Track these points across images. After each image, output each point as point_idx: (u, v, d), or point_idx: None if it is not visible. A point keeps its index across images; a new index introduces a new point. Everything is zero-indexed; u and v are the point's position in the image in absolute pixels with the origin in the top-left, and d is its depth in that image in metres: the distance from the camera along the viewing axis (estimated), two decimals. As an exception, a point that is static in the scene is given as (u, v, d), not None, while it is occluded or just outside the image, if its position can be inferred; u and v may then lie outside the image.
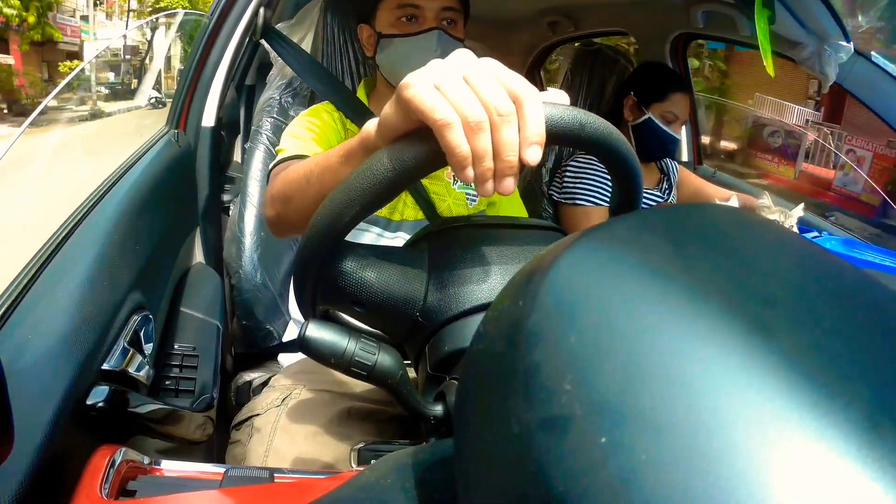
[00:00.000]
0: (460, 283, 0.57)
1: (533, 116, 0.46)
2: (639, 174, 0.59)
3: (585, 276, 0.28)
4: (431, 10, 1.04)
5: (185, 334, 1.00)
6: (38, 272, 0.70)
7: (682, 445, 0.20)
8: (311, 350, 0.52)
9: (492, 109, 0.45)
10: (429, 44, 1.04)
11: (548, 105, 0.49)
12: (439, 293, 0.57)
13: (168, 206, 1.13)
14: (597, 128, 0.52)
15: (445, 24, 1.05)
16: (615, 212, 0.66)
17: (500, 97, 0.45)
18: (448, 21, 1.05)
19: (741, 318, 0.24)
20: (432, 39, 1.03)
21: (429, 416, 0.53)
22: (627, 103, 1.63)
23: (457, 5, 1.05)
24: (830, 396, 0.20)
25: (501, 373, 0.27)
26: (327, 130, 1.08)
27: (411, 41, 1.05)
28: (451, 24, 1.05)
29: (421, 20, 1.05)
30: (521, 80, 0.46)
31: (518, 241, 0.61)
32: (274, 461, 0.85)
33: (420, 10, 1.04)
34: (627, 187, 0.61)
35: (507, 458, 0.24)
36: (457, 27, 1.07)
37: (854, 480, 0.18)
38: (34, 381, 0.56)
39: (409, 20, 1.05)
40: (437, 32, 1.03)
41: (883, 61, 1.23)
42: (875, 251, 1.24)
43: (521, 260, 0.59)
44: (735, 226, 0.33)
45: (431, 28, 1.03)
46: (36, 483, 0.50)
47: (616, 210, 0.65)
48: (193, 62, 1.33)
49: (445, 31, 1.04)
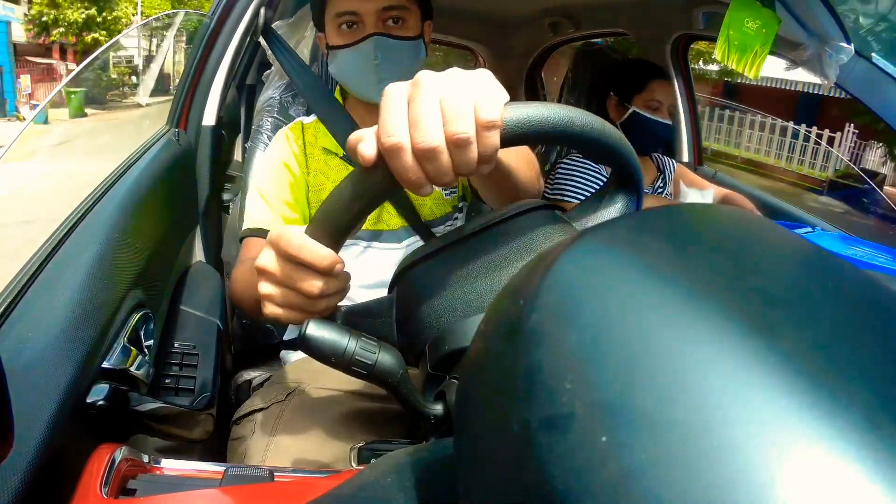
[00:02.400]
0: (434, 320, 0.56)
1: (488, 142, 0.46)
2: (638, 169, 0.59)
3: (586, 275, 0.28)
4: (370, 13, 1.00)
5: (186, 333, 1.00)
6: (38, 270, 0.70)
7: (682, 445, 0.20)
8: (311, 349, 0.52)
9: (450, 135, 0.45)
10: (367, 53, 1.00)
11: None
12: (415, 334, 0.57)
13: (168, 204, 1.13)
14: (588, 124, 0.53)
15: (390, 23, 1.01)
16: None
17: (463, 124, 0.45)
18: (393, 20, 1.01)
19: (741, 318, 0.24)
20: (370, 48, 1.00)
21: (429, 415, 0.53)
22: (610, 104, 1.62)
23: (401, 1, 1.01)
24: (831, 396, 0.21)
25: (502, 372, 0.27)
26: (288, 174, 1.07)
27: (350, 52, 1.02)
28: (396, 24, 1.01)
29: (361, 26, 1.01)
30: (491, 103, 0.46)
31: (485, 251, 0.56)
32: (275, 457, 0.85)
33: (358, 17, 1.00)
34: (627, 183, 0.61)
35: (507, 458, 0.24)
36: (406, 24, 1.02)
37: (855, 481, 0.18)
38: (34, 380, 0.57)
39: (349, 27, 1.02)
40: (374, 39, 0.99)
41: (883, 62, 1.23)
42: (868, 246, 1.24)
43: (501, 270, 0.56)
44: (736, 226, 0.33)
45: (368, 35, 1.00)
46: (36, 482, 0.50)
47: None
48: (194, 61, 1.33)
49: (387, 34, 1.00)
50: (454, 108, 0.44)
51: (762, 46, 1.22)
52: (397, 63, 1.02)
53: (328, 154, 1.10)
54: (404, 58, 1.03)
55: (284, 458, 0.85)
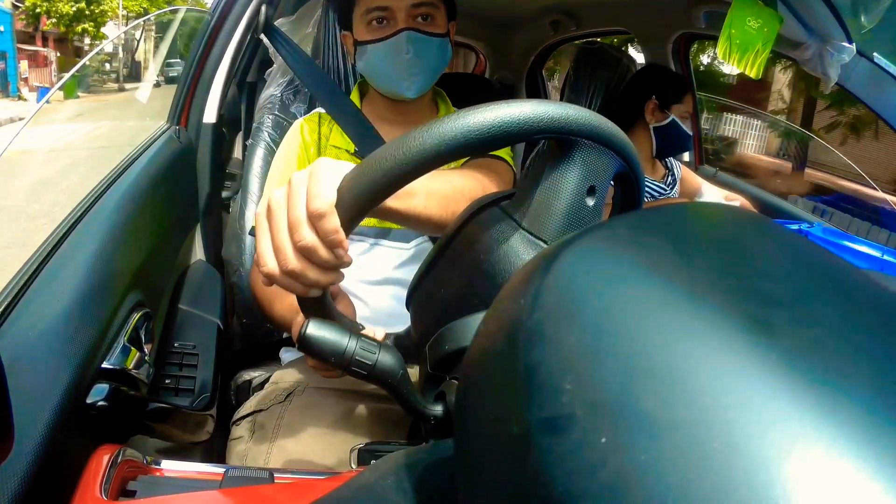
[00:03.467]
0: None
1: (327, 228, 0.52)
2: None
3: (586, 275, 0.28)
4: (401, 9, 1.01)
5: (186, 332, 1.00)
6: (38, 269, 0.70)
7: (682, 446, 0.20)
8: (311, 349, 0.52)
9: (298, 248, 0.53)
10: (399, 47, 1.02)
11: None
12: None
13: (168, 203, 1.13)
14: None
15: (420, 20, 1.03)
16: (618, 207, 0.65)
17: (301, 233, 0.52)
18: (422, 17, 1.03)
19: (742, 317, 0.24)
20: (402, 42, 1.02)
21: (429, 416, 0.53)
22: (649, 107, 1.67)
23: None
24: (831, 396, 0.20)
25: (501, 372, 0.26)
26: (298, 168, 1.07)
27: (382, 46, 1.03)
28: (425, 21, 1.03)
29: (392, 22, 1.03)
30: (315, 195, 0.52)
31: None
32: (275, 458, 0.85)
33: (389, 12, 1.02)
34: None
35: (506, 459, 0.24)
36: (434, 22, 1.04)
37: (855, 480, 0.18)
38: (34, 380, 0.57)
39: (380, 23, 1.03)
40: (406, 34, 1.01)
41: (885, 62, 1.23)
42: (867, 244, 1.25)
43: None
44: (736, 225, 0.33)
45: (401, 30, 1.01)
46: (36, 482, 0.50)
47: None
48: (195, 59, 1.33)
49: (418, 30, 1.02)
50: (294, 220, 0.52)
51: (764, 45, 1.22)
52: (427, 59, 1.04)
53: (339, 149, 1.11)
54: (433, 54, 1.05)
55: (285, 460, 0.85)
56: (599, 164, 0.55)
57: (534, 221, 0.55)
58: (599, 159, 0.55)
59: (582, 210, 0.55)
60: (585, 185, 0.55)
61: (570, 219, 0.55)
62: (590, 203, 0.55)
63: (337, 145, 1.11)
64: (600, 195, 0.56)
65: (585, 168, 0.55)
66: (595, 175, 0.55)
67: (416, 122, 1.13)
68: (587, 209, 0.55)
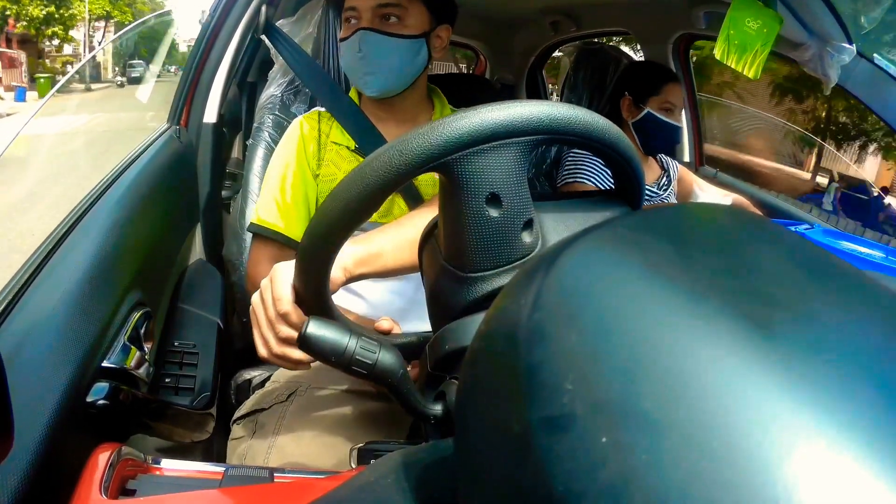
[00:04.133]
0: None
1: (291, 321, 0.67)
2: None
3: (587, 275, 0.28)
4: (366, 9, 1.04)
5: (186, 331, 1.00)
6: (38, 269, 0.70)
7: (682, 445, 0.20)
8: (311, 348, 0.52)
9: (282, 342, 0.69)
10: (354, 46, 1.05)
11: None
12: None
13: (169, 202, 1.13)
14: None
15: (382, 20, 1.04)
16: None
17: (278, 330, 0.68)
18: (385, 17, 1.04)
19: (742, 317, 0.24)
20: (355, 41, 1.04)
21: (429, 415, 0.53)
22: (624, 104, 1.65)
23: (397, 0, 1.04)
24: (832, 396, 0.20)
25: (502, 372, 0.26)
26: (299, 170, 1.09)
27: (344, 45, 1.07)
28: (388, 21, 1.04)
29: (357, 21, 1.05)
30: (277, 299, 0.67)
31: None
32: (276, 458, 0.85)
33: (356, 12, 1.05)
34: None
35: (507, 458, 0.24)
36: (404, 23, 1.05)
37: (855, 480, 0.18)
38: (34, 378, 0.56)
39: (348, 22, 1.07)
40: (359, 33, 1.04)
41: (885, 63, 1.23)
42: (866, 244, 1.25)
43: None
44: (736, 225, 0.33)
45: (357, 30, 1.04)
46: (35, 481, 0.50)
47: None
48: (195, 59, 1.33)
49: (374, 30, 1.03)
50: (270, 319, 0.68)
51: (763, 46, 1.22)
52: (383, 58, 1.05)
53: (339, 146, 1.12)
54: (392, 54, 1.06)
55: (286, 460, 0.84)
56: (493, 168, 0.50)
57: (449, 252, 0.54)
58: (489, 163, 0.50)
59: (488, 225, 0.51)
60: (481, 198, 0.51)
61: (480, 239, 0.52)
62: (493, 214, 0.51)
63: (337, 142, 1.12)
64: (510, 197, 0.51)
65: (473, 180, 0.50)
66: (490, 182, 0.50)
67: (408, 120, 1.14)
68: (493, 221, 0.51)
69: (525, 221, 0.52)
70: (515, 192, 0.51)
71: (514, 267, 0.52)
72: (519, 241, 0.52)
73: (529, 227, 0.52)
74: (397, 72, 1.08)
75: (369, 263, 0.77)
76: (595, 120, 0.53)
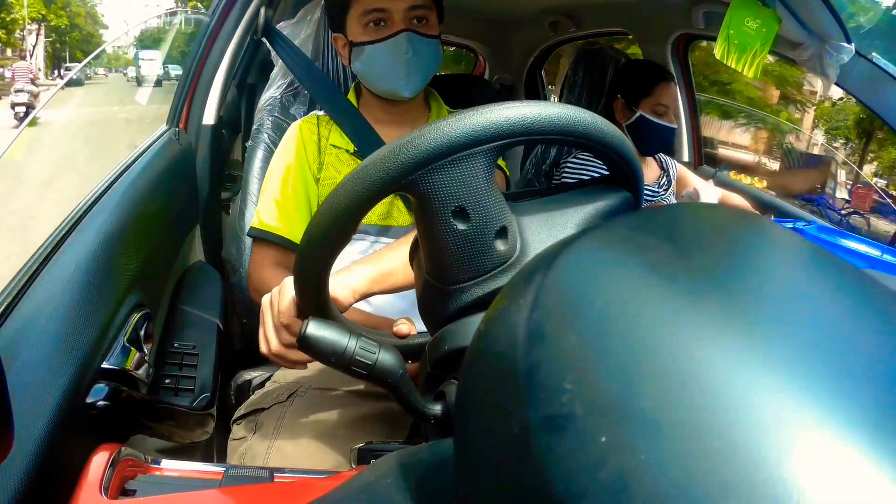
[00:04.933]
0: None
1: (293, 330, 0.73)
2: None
3: (586, 275, 0.28)
4: (399, 11, 1.03)
5: (185, 332, 1.00)
6: (37, 270, 0.70)
7: (681, 445, 0.20)
8: (311, 348, 0.52)
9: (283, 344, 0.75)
10: (400, 47, 1.04)
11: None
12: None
13: (168, 204, 1.13)
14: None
15: (415, 23, 1.04)
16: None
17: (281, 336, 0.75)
18: (417, 20, 1.04)
19: (741, 317, 0.24)
20: (403, 42, 1.03)
21: (428, 415, 0.53)
22: (617, 107, 1.64)
23: (425, 2, 1.04)
24: (832, 395, 0.20)
25: (502, 372, 0.26)
26: (300, 173, 1.09)
27: (382, 46, 1.05)
28: (421, 23, 1.05)
29: (389, 24, 1.04)
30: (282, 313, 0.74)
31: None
32: (277, 458, 0.85)
33: (387, 14, 1.04)
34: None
35: (506, 458, 0.24)
36: (428, 24, 1.06)
37: (855, 480, 0.18)
38: (34, 379, 0.56)
39: (377, 25, 1.05)
40: (406, 34, 1.03)
41: (884, 62, 1.23)
42: (863, 242, 1.25)
43: None
44: (735, 225, 0.33)
45: (401, 31, 1.03)
46: (36, 482, 0.50)
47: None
48: (194, 60, 1.33)
49: (416, 31, 1.03)
50: (275, 326, 0.75)
51: (762, 46, 1.22)
52: (424, 59, 1.06)
53: (338, 149, 1.12)
54: (430, 56, 1.07)
55: (287, 460, 0.85)
56: (456, 182, 0.50)
57: (428, 266, 0.55)
58: (451, 178, 0.50)
59: (458, 239, 0.51)
60: (447, 213, 0.51)
61: (452, 253, 0.52)
62: (462, 227, 0.51)
63: (336, 145, 1.12)
64: (477, 209, 0.51)
65: (437, 196, 0.51)
66: (454, 196, 0.50)
67: (407, 122, 1.14)
68: (463, 234, 0.51)
69: (497, 230, 0.52)
70: (483, 203, 0.51)
71: (492, 276, 0.52)
72: (493, 251, 0.52)
73: (503, 235, 0.52)
74: (430, 72, 1.09)
75: (381, 282, 0.81)
76: (551, 112, 0.51)
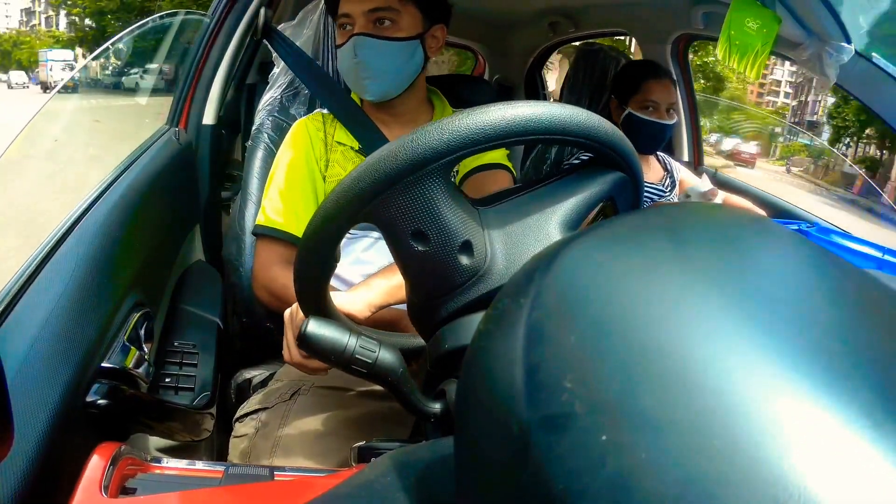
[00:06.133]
0: None
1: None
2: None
3: (586, 274, 0.28)
4: (359, 15, 1.04)
5: (186, 331, 1.00)
6: (37, 269, 0.70)
7: (682, 444, 0.20)
8: (311, 347, 0.52)
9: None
10: (349, 52, 1.05)
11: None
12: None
13: (168, 203, 1.13)
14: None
15: (375, 25, 1.04)
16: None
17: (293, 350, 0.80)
18: (378, 22, 1.04)
19: (741, 317, 0.24)
20: (350, 47, 1.05)
21: (429, 414, 0.53)
22: (612, 107, 1.65)
23: (388, 3, 1.03)
24: (832, 395, 0.20)
25: (502, 371, 0.27)
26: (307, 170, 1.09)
27: (341, 52, 1.08)
28: (381, 25, 1.04)
29: (351, 27, 1.06)
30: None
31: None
32: (280, 457, 0.85)
33: (350, 18, 1.05)
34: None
35: (506, 457, 0.24)
36: (397, 26, 1.05)
37: (855, 479, 0.18)
38: (34, 378, 0.57)
39: (343, 29, 1.07)
40: (353, 39, 1.04)
41: (884, 62, 1.23)
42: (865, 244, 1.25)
43: None
44: (735, 225, 0.33)
45: (352, 35, 1.04)
46: (36, 481, 0.50)
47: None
48: (194, 61, 1.33)
49: (369, 34, 1.03)
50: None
51: (763, 46, 1.22)
52: (380, 62, 1.06)
53: (344, 146, 1.12)
54: (388, 58, 1.06)
55: (290, 458, 0.85)
56: (409, 206, 0.51)
57: (406, 286, 0.58)
58: (403, 203, 0.50)
59: (421, 261, 0.52)
60: (406, 237, 0.52)
61: (418, 275, 0.54)
62: (422, 248, 0.52)
63: (342, 142, 1.12)
64: (435, 229, 0.51)
65: (393, 223, 0.52)
66: (410, 219, 0.51)
67: (409, 122, 1.14)
68: (425, 255, 0.52)
69: (459, 245, 0.52)
70: (441, 221, 0.52)
71: (463, 289, 0.53)
72: (458, 267, 0.52)
73: (467, 249, 0.53)
74: (394, 75, 1.08)
75: (395, 294, 0.86)
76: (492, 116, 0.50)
